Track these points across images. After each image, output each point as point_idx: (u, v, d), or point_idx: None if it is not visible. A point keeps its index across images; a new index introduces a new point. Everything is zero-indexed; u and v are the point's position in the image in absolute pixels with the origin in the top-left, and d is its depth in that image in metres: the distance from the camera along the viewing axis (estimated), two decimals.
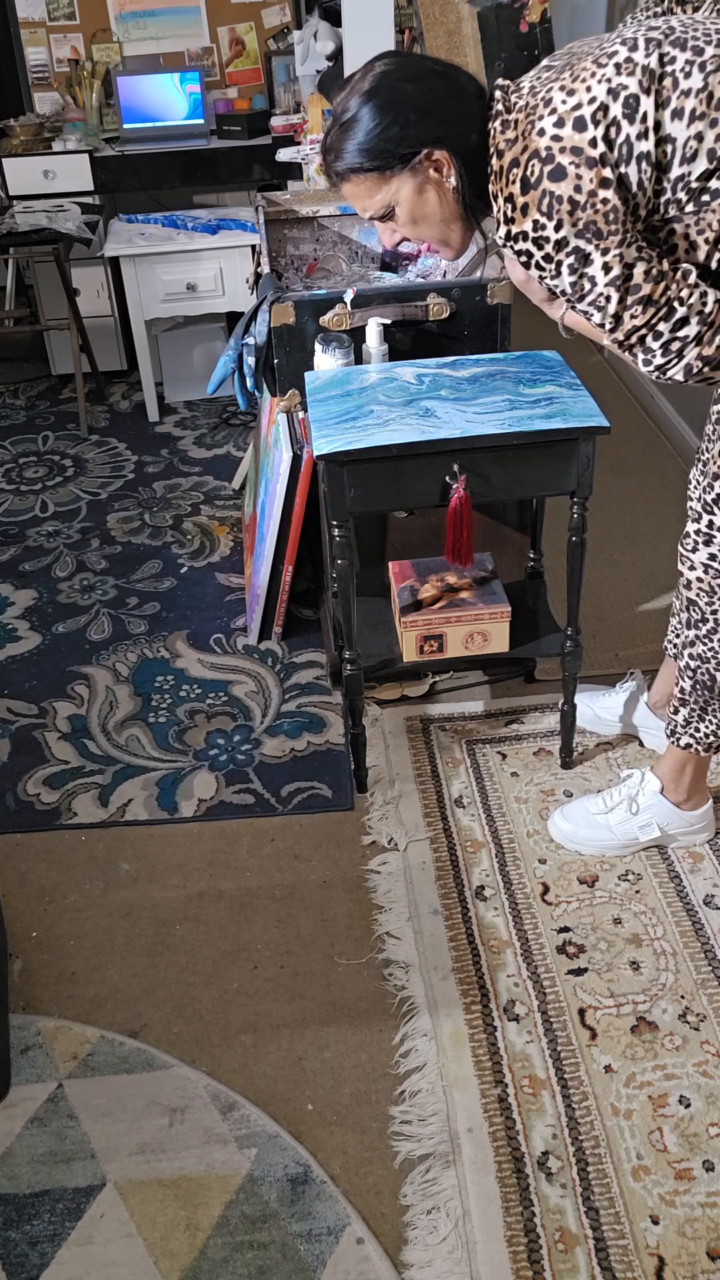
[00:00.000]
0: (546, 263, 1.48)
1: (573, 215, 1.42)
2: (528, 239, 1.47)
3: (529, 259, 1.50)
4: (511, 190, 1.46)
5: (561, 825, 2.02)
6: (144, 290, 3.63)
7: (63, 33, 4.26)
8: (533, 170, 1.42)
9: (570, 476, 1.88)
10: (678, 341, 1.46)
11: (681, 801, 1.96)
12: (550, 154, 1.41)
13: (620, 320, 1.47)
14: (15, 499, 3.38)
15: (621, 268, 1.43)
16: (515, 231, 1.48)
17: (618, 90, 1.38)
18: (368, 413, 1.87)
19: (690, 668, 1.84)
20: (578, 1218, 1.48)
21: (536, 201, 1.43)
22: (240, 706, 2.44)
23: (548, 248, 1.46)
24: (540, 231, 1.45)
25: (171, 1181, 1.55)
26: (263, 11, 4.31)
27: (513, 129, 1.47)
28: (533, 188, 1.43)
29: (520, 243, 1.49)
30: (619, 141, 1.39)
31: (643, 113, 1.38)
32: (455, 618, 2.07)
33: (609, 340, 1.52)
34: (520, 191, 1.45)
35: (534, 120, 1.43)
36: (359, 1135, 1.60)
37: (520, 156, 1.44)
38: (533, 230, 1.46)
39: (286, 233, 2.82)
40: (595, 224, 1.42)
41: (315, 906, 1.96)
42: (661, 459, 3.31)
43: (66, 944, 1.92)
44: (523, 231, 1.47)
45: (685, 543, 1.77)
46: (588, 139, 1.39)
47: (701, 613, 1.78)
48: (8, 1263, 1.47)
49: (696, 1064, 1.65)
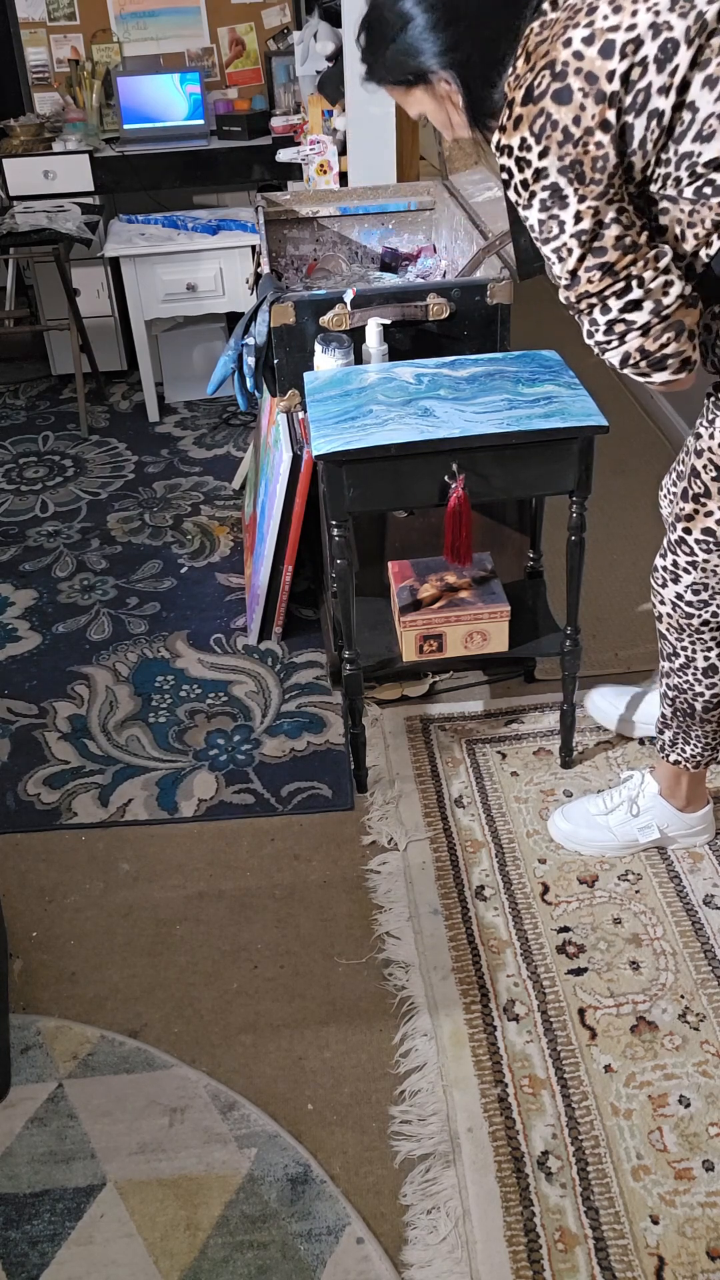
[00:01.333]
0: (523, 189, 1.36)
1: (561, 147, 1.30)
2: (511, 155, 1.35)
3: (509, 179, 1.38)
4: (515, 95, 1.34)
5: (561, 825, 2.02)
6: (144, 290, 3.63)
7: (63, 33, 4.26)
8: (541, 81, 1.30)
9: (569, 476, 1.88)
10: (622, 324, 1.39)
11: (681, 806, 1.96)
12: (564, 71, 1.28)
13: (575, 279, 1.38)
14: (15, 499, 3.38)
15: (592, 223, 1.33)
16: (503, 143, 1.36)
17: (660, 28, 1.25)
18: (367, 412, 1.87)
19: (669, 696, 1.86)
20: (578, 1218, 1.48)
21: (531, 118, 1.31)
22: (240, 706, 2.44)
23: (527, 172, 1.34)
24: (525, 152, 1.33)
25: (171, 1181, 1.55)
26: (263, 12, 4.31)
27: (549, 29, 1.33)
28: (533, 101, 1.31)
29: (503, 157, 1.37)
30: (638, 85, 1.27)
31: (675, 65, 1.25)
32: (455, 617, 2.07)
33: (561, 296, 1.44)
34: (521, 100, 1.32)
35: (568, 25, 1.30)
36: (359, 1135, 1.60)
37: (539, 61, 1.31)
38: (518, 148, 1.34)
39: (286, 233, 2.83)
40: (581, 165, 1.30)
41: (315, 906, 1.96)
42: (661, 459, 3.31)
43: (66, 944, 1.92)
44: (509, 145, 1.35)
45: (655, 577, 1.77)
46: (607, 70, 1.26)
47: (673, 647, 1.79)
48: (8, 1263, 1.47)
49: (696, 1064, 1.65)
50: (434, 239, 2.86)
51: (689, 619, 1.73)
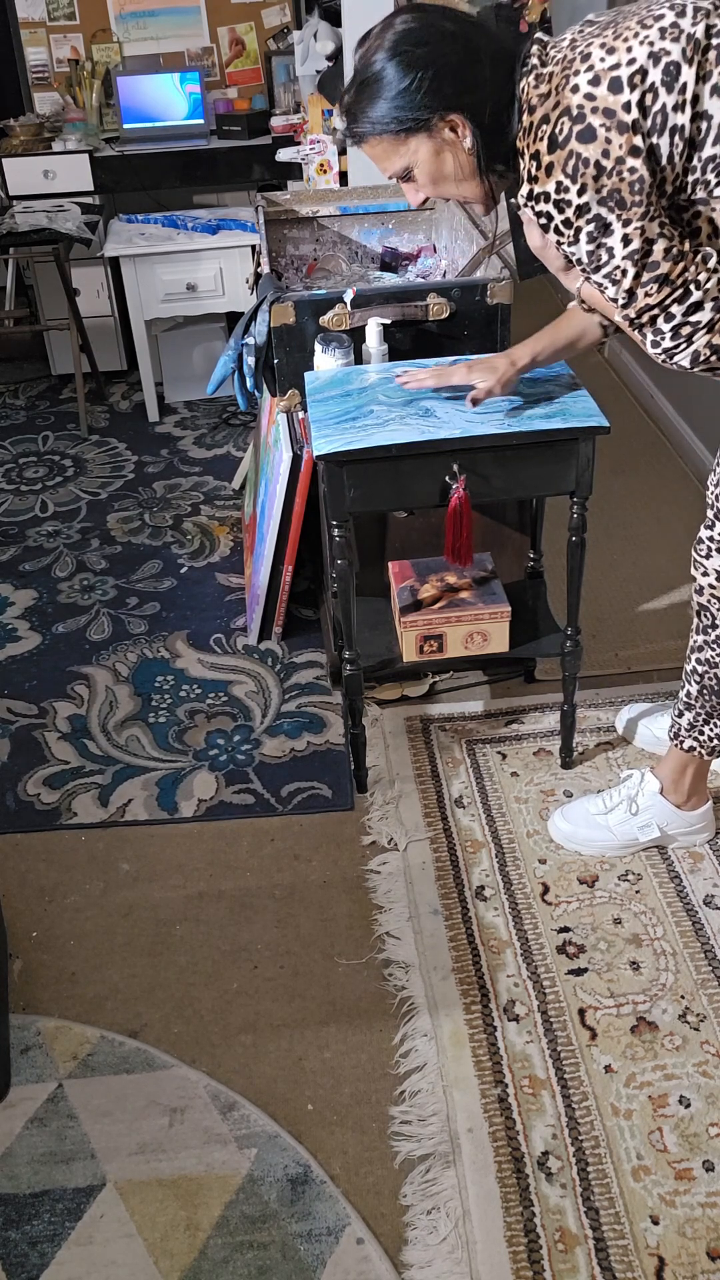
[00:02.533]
0: (566, 228, 1.44)
1: (597, 181, 1.38)
2: (549, 200, 1.43)
3: (548, 222, 1.46)
4: (539, 147, 1.42)
5: (561, 825, 2.02)
6: (144, 290, 3.63)
7: (63, 33, 4.26)
8: (561, 128, 1.39)
9: (570, 476, 1.88)
10: (689, 326, 1.44)
11: (681, 803, 1.96)
12: (581, 113, 1.37)
13: (634, 297, 1.45)
14: (15, 499, 3.38)
15: (641, 242, 1.40)
16: (538, 191, 1.44)
17: (659, 55, 1.34)
18: (367, 413, 1.87)
19: (698, 672, 1.84)
20: (578, 1218, 1.48)
21: (562, 162, 1.39)
22: (240, 706, 2.44)
23: (568, 212, 1.42)
24: (563, 194, 1.41)
25: (171, 1181, 1.55)
26: (263, 11, 4.31)
27: (547, 83, 1.42)
28: (560, 147, 1.39)
29: (541, 204, 1.45)
30: (654, 110, 1.35)
31: (682, 83, 1.34)
32: (455, 618, 2.07)
33: (619, 317, 1.50)
34: (547, 149, 1.41)
35: (569, 75, 1.39)
36: (359, 1135, 1.60)
37: (551, 113, 1.40)
38: (555, 192, 1.41)
39: (286, 233, 2.82)
40: (619, 193, 1.38)
41: (315, 906, 1.96)
42: (661, 459, 3.31)
43: (66, 944, 1.92)
44: (545, 192, 1.43)
45: (699, 548, 1.76)
46: (622, 102, 1.35)
47: (712, 618, 1.78)
48: (8, 1263, 1.47)
49: (696, 1064, 1.65)
50: (434, 239, 2.86)
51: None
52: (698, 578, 1.78)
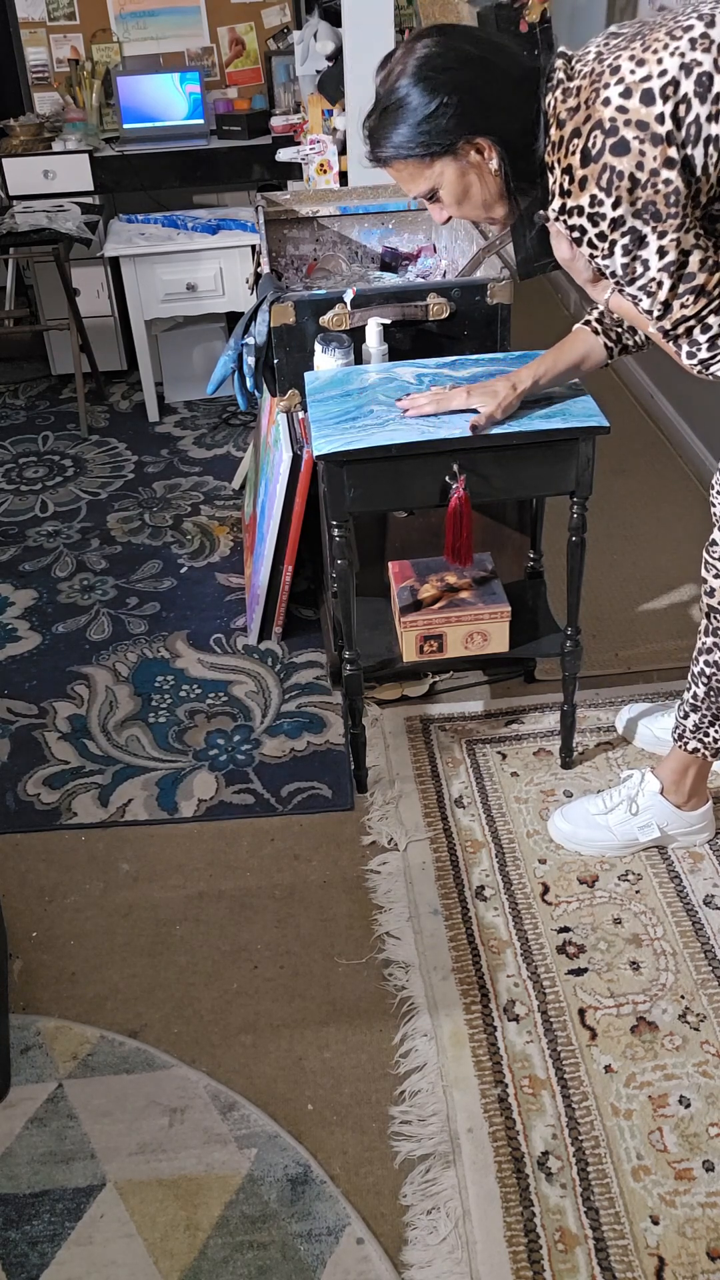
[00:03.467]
0: (600, 241, 1.44)
1: (632, 194, 1.37)
2: (583, 214, 1.42)
3: (581, 235, 1.45)
4: (570, 161, 1.41)
5: (561, 825, 2.02)
6: (144, 290, 3.63)
7: (63, 33, 4.26)
8: (595, 142, 1.38)
9: (570, 476, 1.88)
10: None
11: (682, 803, 1.96)
12: (614, 126, 1.36)
13: (669, 308, 1.45)
14: (15, 499, 3.38)
15: (677, 253, 1.40)
16: (570, 205, 1.43)
17: (691, 66, 1.33)
18: (367, 413, 1.87)
19: (705, 674, 1.84)
20: (578, 1218, 1.48)
21: (596, 176, 1.38)
22: (240, 706, 2.44)
23: (603, 225, 1.41)
24: (597, 208, 1.40)
25: (171, 1181, 1.55)
26: (263, 11, 4.31)
27: (575, 97, 1.42)
28: (593, 160, 1.38)
29: (574, 217, 1.44)
30: (688, 121, 1.34)
31: (715, 93, 1.33)
32: (455, 618, 2.07)
33: (654, 328, 1.50)
34: (580, 164, 1.40)
35: (599, 89, 1.38)
36: (359, 1135, 1.60)
37: (582, 126, 1.39)
38: (589, 205, 1.41)
39: (286, 233, 2.82)
40: (654, 205, 1.37)
41: (315, 906, 1.96)
42: (661, 459, 3.31)
43: (66, 944, 1.92)
44: (578, 206, 1.42)
45: (712, 550, 1.76)
46: (655, 114, 1.34)
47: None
48: (8, 1263, 1.47)
49: (696, 1064, 1.65)
50: (434, 239, 2.86)
51: None
52: (709, 579, 1.77)
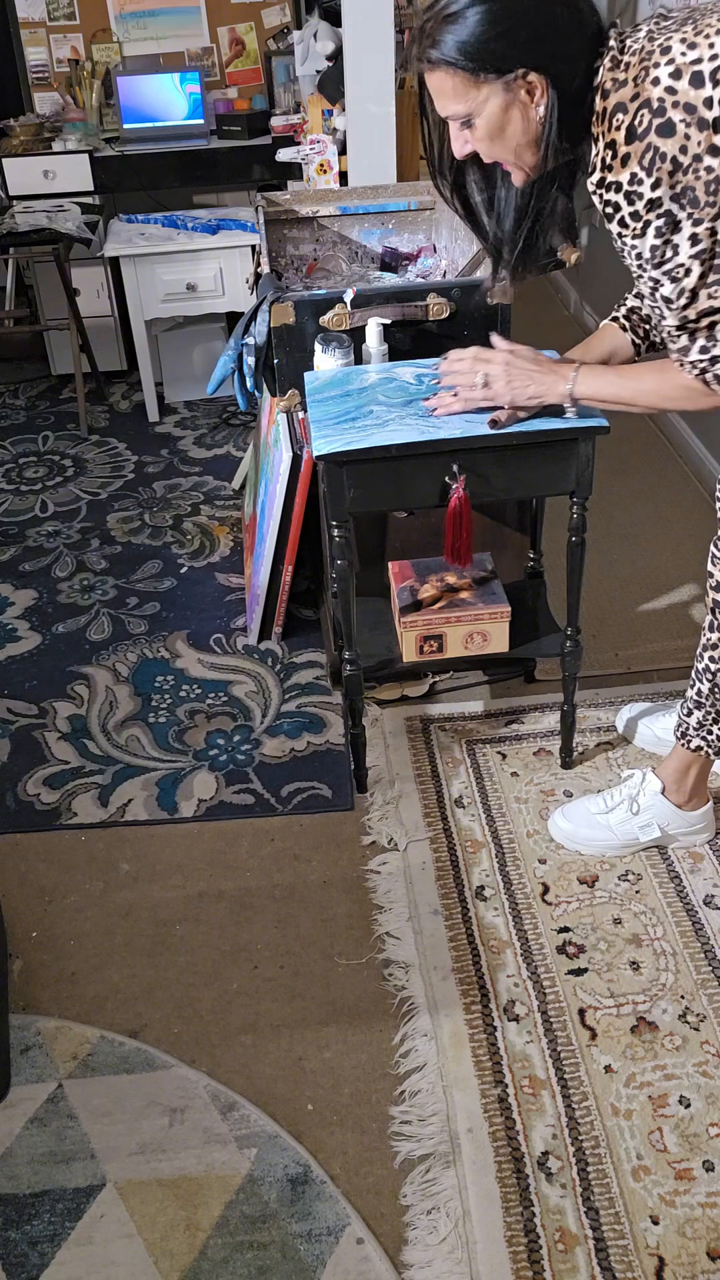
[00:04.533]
0: (633, 220, 1.42)
1: (673, 177, 1.36)
2: (619, 190, 1.41)
3: (614, 212, 1.43)
4: (615, 137, 1.40)
5: (562, 825, 2.02)
6: (144, 290, 3.63)
7: (63, 33, 4.26)
8: (641, 120, 1.37)
9: (570, 476, 1.88)
10: None
11: (683, 803, 1.96)
12: (662, 106, 1.35)
13: (695, 298, 1.43)
14: (15, 499, 3.38)
15: (710, 242, 1.39)
16: (610, 180, 1.42)
17: None
18: (367, 413, 1.87)
19: (710, 670, 1.83)
20: (578, 1218, 1.48)
21: (639, 154, 1.37)
22: (240, 706, 2.44)
23: (639, 204, 1.40)
24: (635, 186, 1.39)
25: (171, 1181, 1.55)
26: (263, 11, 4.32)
27: (623, 71, 1.40)
28: (638, 138, 1.37)
29: (611, 193, 1.43)
30: None
31: None
32: (455, 618, 2.07)
33: (673, 319, 1.48)
34: (624, 140, 1.39)
35: (649, 67, 1.37)
36: (359, 1135, 1.60)
37: (629, 103, 1.38)
38: (628, 183, 1.40)
39: (286, 233, 2.82)
40: (694, 190, 1.36)
41: (315, 906, 1.96)
42: (661, 459, 3.31)
43: (66, 944, 1.92)
44: (617, 182, 1.41)
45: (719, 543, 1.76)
46: (703, 98, 1.33)
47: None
48: (8, 1263, 1.47)
49: (696, 1064, 1.65)
50: (434, 239, 2.86)
51: None
52: (715, 573, 1.77)
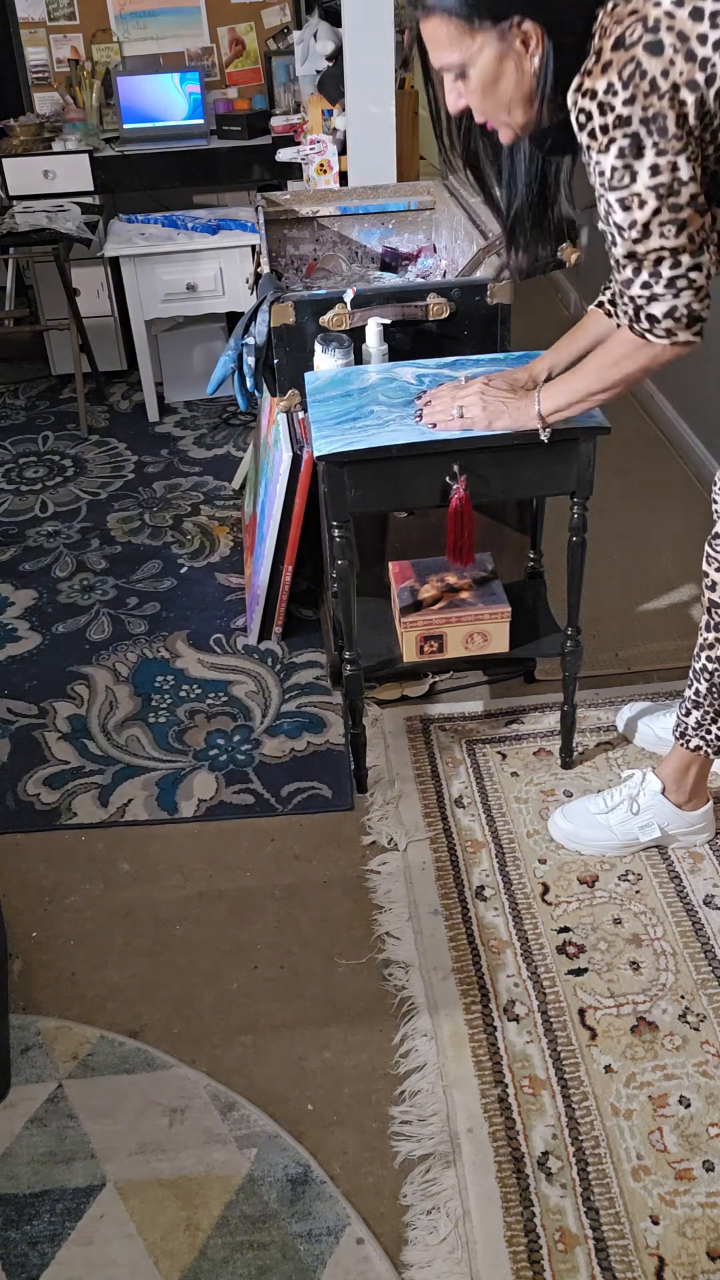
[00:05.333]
0: (601, 134, 1.37)
1: (647, 98, 1.32)
2: (594, 98, 1.36)
3: (586, 121, 1.38)
4: (603, 45, 1.35)
5: (562, 825, 2.02)
6: (144, 290, 3.63)
7: (63, 33, 4.26)
8: (633, 31, 1.33)
9: (570, 476, 1.88)
10: (684, 280, 1.43)
11: (683, 802, 1.96)
12: (657, 25, 1.31)
13: (648, 233, 1.40)
14: (15, 499, 3.38)
15: (670, 177, 1.36)
16: (586, 87, 1.37)
17: None
18: (368, 413, 1.87)
19: (708, 670, 1.83)
20: (578, 1218, 1.48)
21: (621, 64, 1.33)
22: (240, 706, 2.44)
23: (609, 117, 1.35)
24: (609, 97, 1.34)
25: (171, 1181, 1.55)
26: (263, 11, 4.31)
27: (625, 5, 1.36)
28: (624, 47, 1.33)
29: (586, 100, 1.37)
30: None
31: None
32: (455, 618, 2.07)
33: (622, 250, 1.45)
34: (610, 47, 1.34)
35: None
36: (359, 1135, 1.60)
37: (626, 18, 1.34)
38: (603, 92, 1.35)
39: (286, 233, 2.82)
40: (664, 119, 1.33)
41: (315, 906, 1.96)
42: (662, 459, 3.31)
43: (66, 944, 1.92)
44: (593, 89, 1.36)
45: (716, 543, 1.75)
46: (698, 32, 1.30)
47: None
48: (8, 1263, 1.47)
49: (696, 1064, 1.65)
50: (434, 239, 2.86)
51: None
52: (711, 573, 1.77)
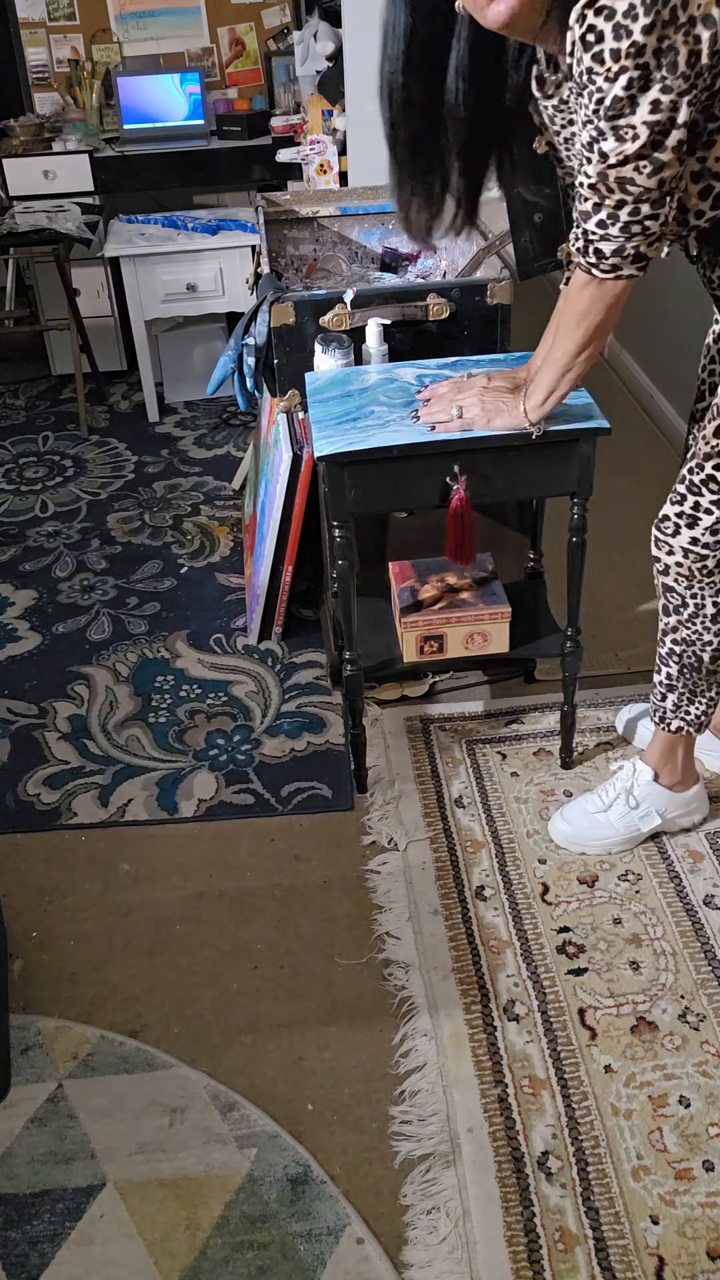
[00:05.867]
0: (611, 59, 1.28)
1: (665, 28, 1.24)
2: (611, 19, 1.25)
3: (595, 42, 1.28)
4: None
5: (563, 828, 2.02)
6: (144, 290, 3.63)
7: (63, 33, 4.26)
8: None
9: (570, 477, 1.88)
10: (638, 225, 1.41)
11: (675, 784, 1.99)
12: None
13: (625, 162, 1.34)
14: (15, 499, 3.38)
15: (667, 117, 1.30)
16: (602, 4, 1.26)
17: None
18: (368, 413, 1.87)
19: (675, 654, 1.85)
20: (578, 1218, 1.48)
21: None
22: (240, 706, 2.44)
23: (623, 43, 1.26)
24: (629, 20, 1.24)
25: (171, 1181, 1.55)
26: (263, 12, 4.31)
27: None
28: None
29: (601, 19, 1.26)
30: None
31: None
32: (455, 618, 2.07)
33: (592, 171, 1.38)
34: None
35: None
36: (359, 1135, 1.60)
37: None
38: (623, 14, 1.24)
39: (286, 233, 2.82)
40: (677, 54, 1.26)
41: (315, 906, 1.96)
42: (661, 459, 3.31)
43: (66, 944, 1.92)
44: (610, 8, 1.25)
45: (664, 526, 1.74)
46: None
47: (680, 598, 1.79)
48: (8, 1263, 1.47)
49: (696, 1064, 1.65)
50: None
51: (702, 562, 1.72)
52: (662, 557, 1.76)
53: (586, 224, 1.46)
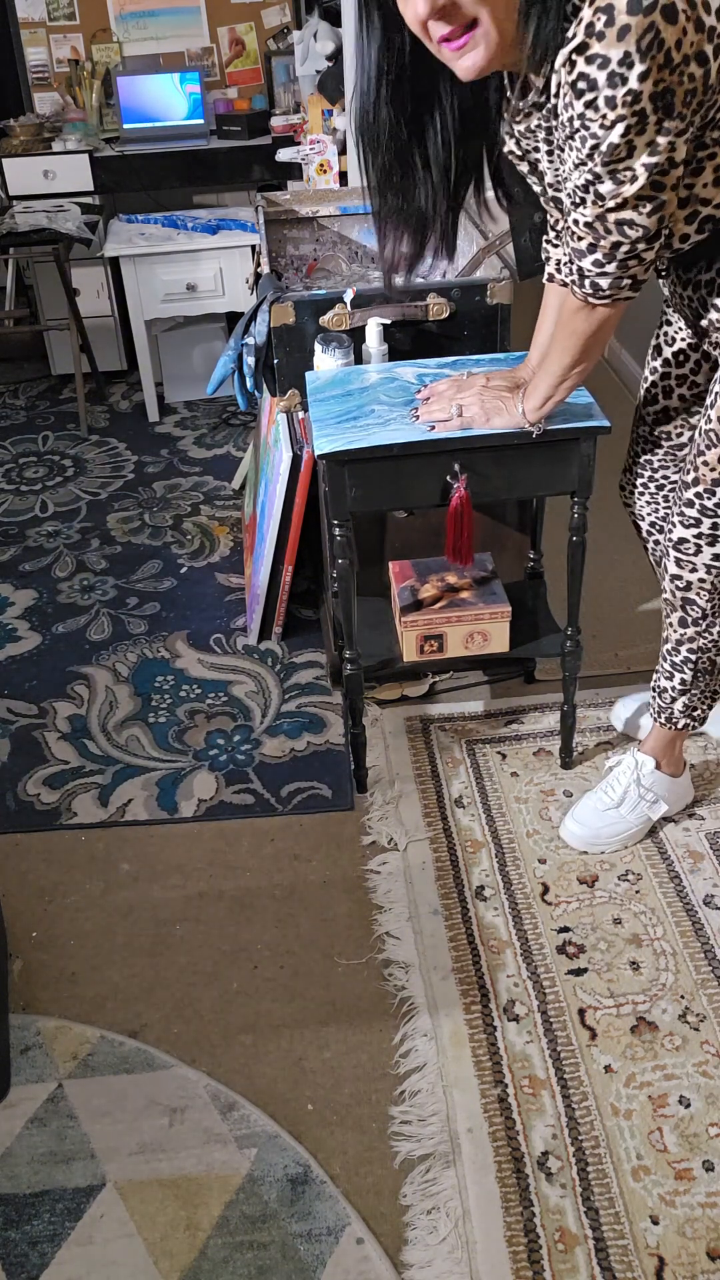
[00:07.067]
0: (607, 107, 1.25)
1: (660, 72, 1.22)
2: (605, 67, 1.23)
3: (587, 90, 1.26)
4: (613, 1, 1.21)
5: (577, 830, 2.01)
6: (144, 290, 3.63)
7: (63, 33, 4.26)
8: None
9: (571, 476, 1.88)
10: (635, 260, 1.42)
11: (676, 772, 2.03)
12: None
13: (624, 205, 1.34)
14: (15, 499, 3.38)
15: (665, 158, 1.29)
16: (596, 53, 1.23)
17: None
18: (369, 412, 1.87)
19: (690, 660, 1.88)
20: (578, 1218, 1.48)
21: (640, 31, 1.20)
22: (240, 706, 2.44)
23: (619, 91, 1.23)
24: (623, 69, 1.22)
25: (171, 1181, 1.55)
26: (263, 11, 4.31)
27: None
28: (641, 12, 1.19)
29: (594, 68, 1.24)
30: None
31: None
32: (455, 618, 2.07)
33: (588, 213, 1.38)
34: (626, 9, 1.20)
35: None
36: (359, 1135, 1.60)
37: None
38: (617, 63, 1.22)
39: (286, 233, 2.82)
40: (672, 96, 1.24)
41: (315, 906, 1.96)
42: None
43: (66, 944, 1.92)
44: (605, 56, 1.22)
45: (684, 548, 1.76)
46: None
47: (702, 610, 1.82)
48: (8, 1263, 1.47)
49: (696, 1064, 1.65)
50: None
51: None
52: (685, 575, 1.79)
53: (581, 261, 1.46)
